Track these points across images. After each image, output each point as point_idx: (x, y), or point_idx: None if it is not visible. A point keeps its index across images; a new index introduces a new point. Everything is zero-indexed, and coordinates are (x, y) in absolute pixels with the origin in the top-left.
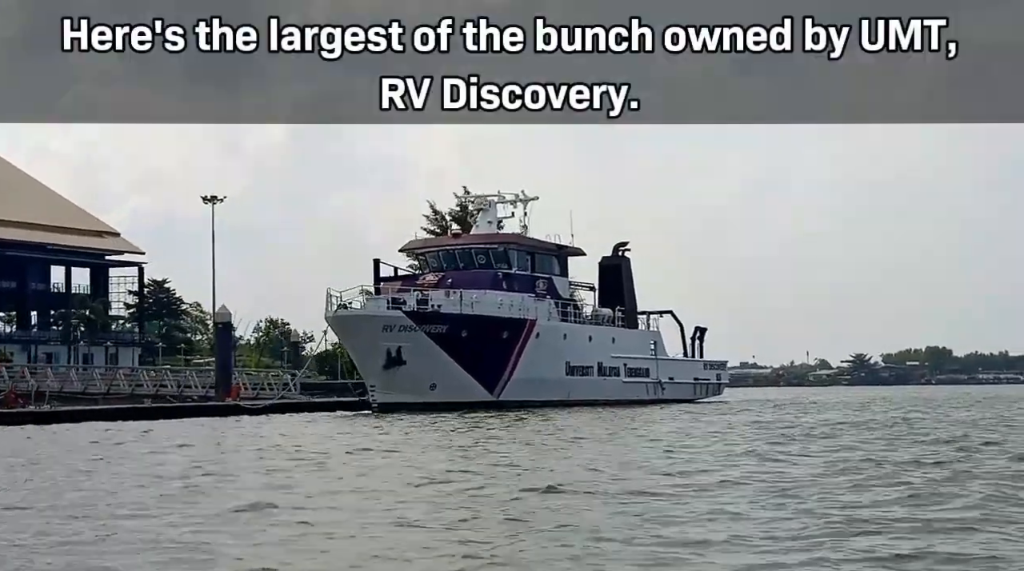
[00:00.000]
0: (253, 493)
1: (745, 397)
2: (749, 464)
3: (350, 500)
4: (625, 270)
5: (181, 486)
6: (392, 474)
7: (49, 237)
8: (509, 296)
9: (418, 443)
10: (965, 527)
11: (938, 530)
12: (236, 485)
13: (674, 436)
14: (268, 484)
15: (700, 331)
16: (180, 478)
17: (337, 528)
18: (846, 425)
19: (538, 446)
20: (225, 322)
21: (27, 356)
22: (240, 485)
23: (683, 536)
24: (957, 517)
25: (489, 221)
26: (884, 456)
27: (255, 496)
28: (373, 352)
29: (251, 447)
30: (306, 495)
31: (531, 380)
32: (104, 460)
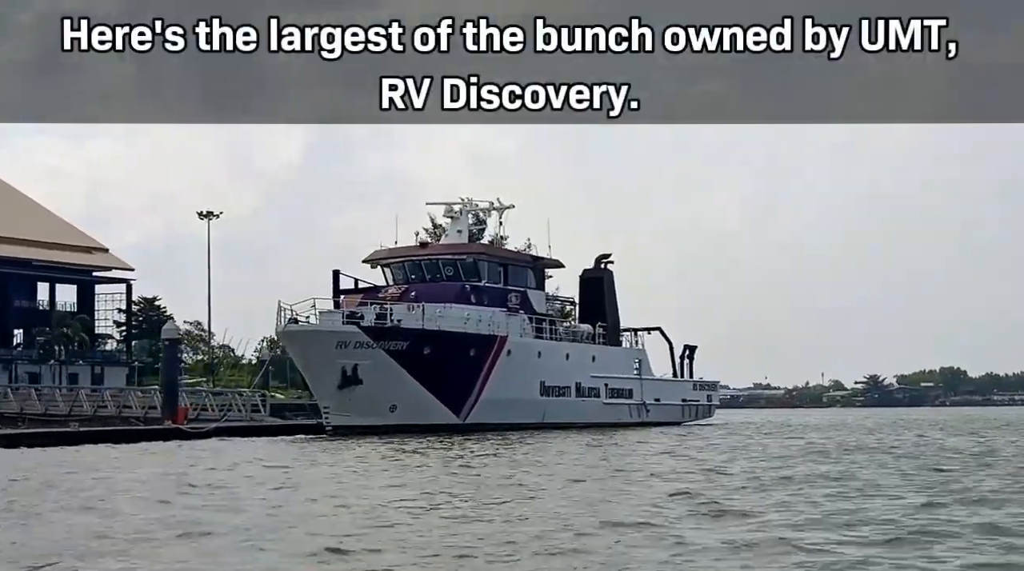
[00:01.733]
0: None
1: (733, 419)
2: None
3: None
4: (608, 284)
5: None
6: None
7: (34, 252)
8: (478, 310)
9: (342, 479)
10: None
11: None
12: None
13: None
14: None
15: (690, 349)
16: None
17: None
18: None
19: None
20: (171, 339)
21: (8, 376)
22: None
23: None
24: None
25: (459, 230)
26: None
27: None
28: (326, 370)
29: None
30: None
31: (501, 401)
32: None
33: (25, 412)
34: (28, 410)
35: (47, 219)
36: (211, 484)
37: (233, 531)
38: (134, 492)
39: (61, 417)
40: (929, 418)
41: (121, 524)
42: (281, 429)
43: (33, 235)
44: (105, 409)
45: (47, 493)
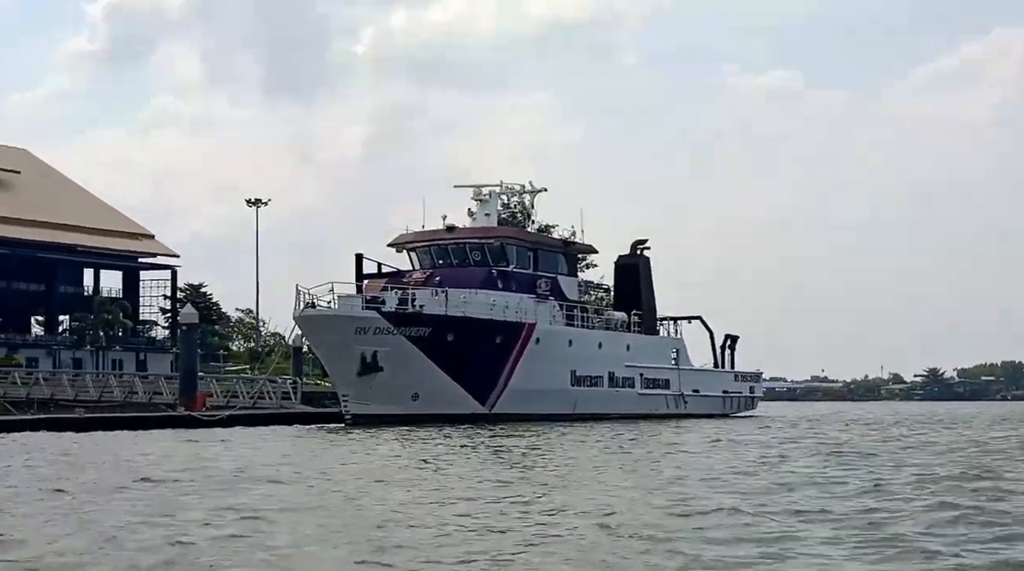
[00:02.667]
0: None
1: (782, 412)
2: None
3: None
4: (644, 270)
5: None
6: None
7: (80, 238)
8: (504, 296)
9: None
10: None
11: None
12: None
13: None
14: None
15: (731, 339)
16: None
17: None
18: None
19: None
20: (189, 324)
21: (52, 361)
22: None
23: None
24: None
25: (487, 213)
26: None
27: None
28: (345, 357)
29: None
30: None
31: (529, 391)
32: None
33: (55, 397)
34: (59, 395)
35: (94, 205)
36: (157, 479)
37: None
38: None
39: (68, 403)
40: (990, 412)
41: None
42: (298, 417)
43: (79, 221)
44: (136, 396)
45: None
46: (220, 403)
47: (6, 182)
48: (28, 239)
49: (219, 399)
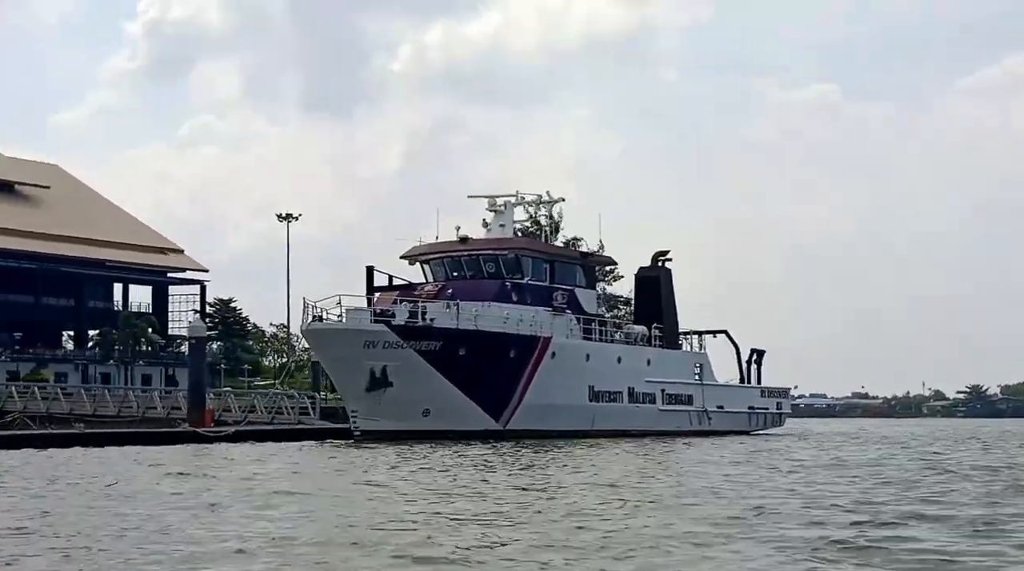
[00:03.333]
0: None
1: (804, 429)
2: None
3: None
4: (665, 283)
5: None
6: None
7: (109, 253)
8: (519, 309)
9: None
10: None
11: None
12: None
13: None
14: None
15: (758, 354)
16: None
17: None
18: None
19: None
20: (198, 337)
21: (81, 376)
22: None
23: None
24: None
25: (502, 224)
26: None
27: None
28: (354, 372)
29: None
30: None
31: (545, 407)
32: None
33: (75, 412)
34: (78, 410)
35: (124, 220)
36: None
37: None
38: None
39: (84, 418)
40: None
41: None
42: (307, 433)
43: (108, 236)
44: (154, 411)
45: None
46: (238, 418)
47: (36, 198)
48: (57, 254)
49: (237, 414)
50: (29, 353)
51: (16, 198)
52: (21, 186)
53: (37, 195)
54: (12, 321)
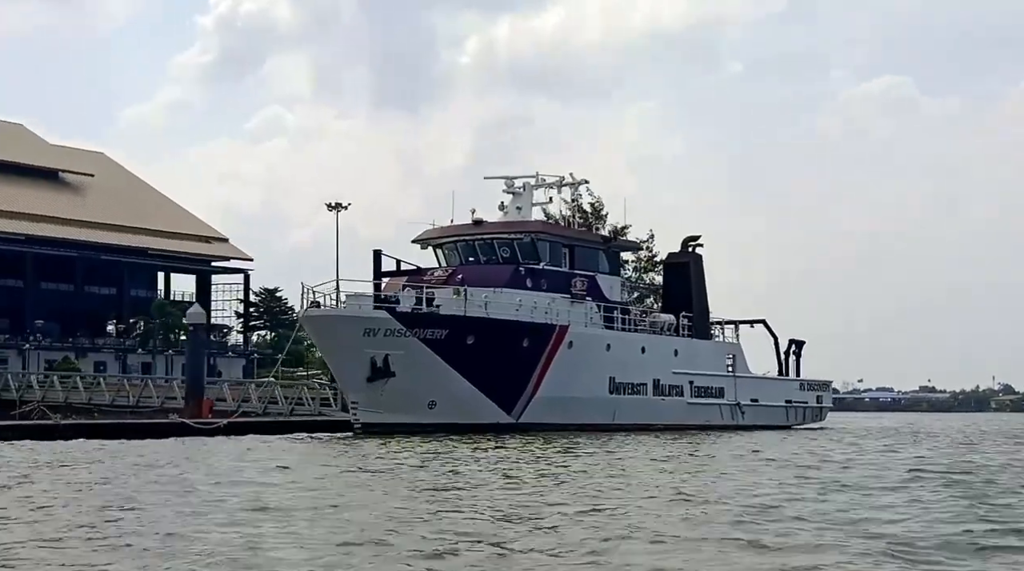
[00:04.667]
0: None
1: (848, 424)
2: None
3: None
4: (695, 269)
5: None
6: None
7: (151, 241)
8: (533, 296)
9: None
10: None
11: None
12: None
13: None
14: None
15: (796, 345)
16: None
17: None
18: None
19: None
20: (196, 325)
21: (121, 366)
22: None
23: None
24: None
25: (519, 207)
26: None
27: None
28: (353, 361)
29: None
30: None
31: (561, 399)
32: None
33: (93, 402)
34: (96, 400)
35: (168, 209)
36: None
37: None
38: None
39: (84, 406)
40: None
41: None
42: (309, 425)
43: (151, 224)
44: (175, 401)
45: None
46: (256, 409)
47: (80, 186)
48: (98, 242)
49: (255, 405)
50: (69, 342)
51: (60, 186)
52: (65, 174)
53: (82, 183)
54: (54, 309)
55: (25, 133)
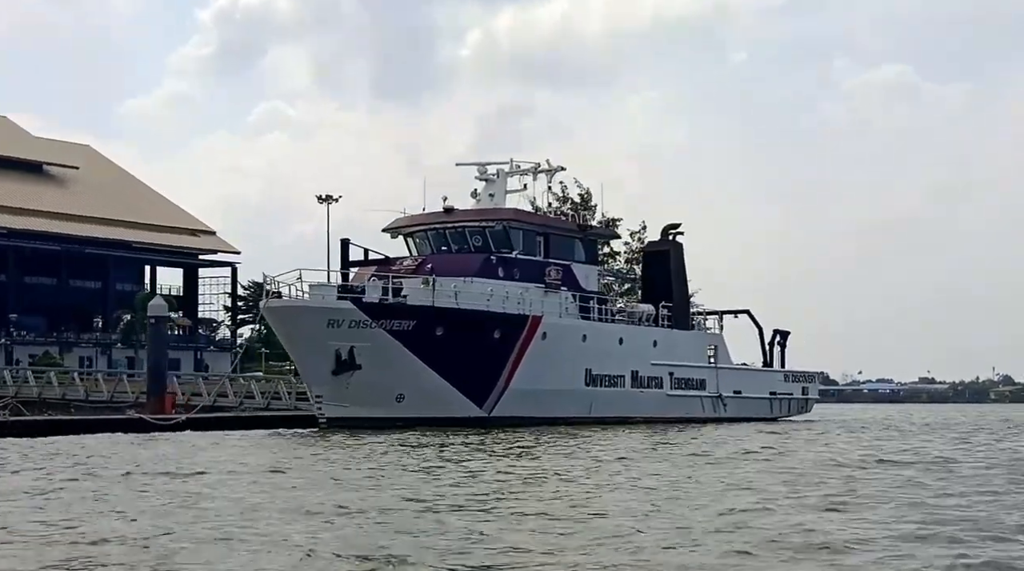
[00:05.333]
0: None
1: (831, 415)
2: None
3: None
4: (675, 258)
5: None
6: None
7: (136, 234)
8: (504, 285)
9: None
10: None
11: None
12: None
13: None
14: None
15: (781, 335)
16: None
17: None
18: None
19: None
20: (158, 317)
21: (107, 361)
22: None
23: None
24: None
25: (492, 194)
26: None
27: None
28: (317, 353)
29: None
30: None
31: (535, 392)
32: None
33: (67, 397)
34: (71, 395)
35: (155, 202)
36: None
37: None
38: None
39: (59, 402)
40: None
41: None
42: (273, 421)
43: (137, 217)
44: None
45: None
46: (233, 404)
47: (63, 178)
48: (83, 235)
49: (233, 400)
50: (54, 337)
51: (45, 178)
52: (50, 166)
53: (66, 176)
54: (39, 304)
55: (9, 125)
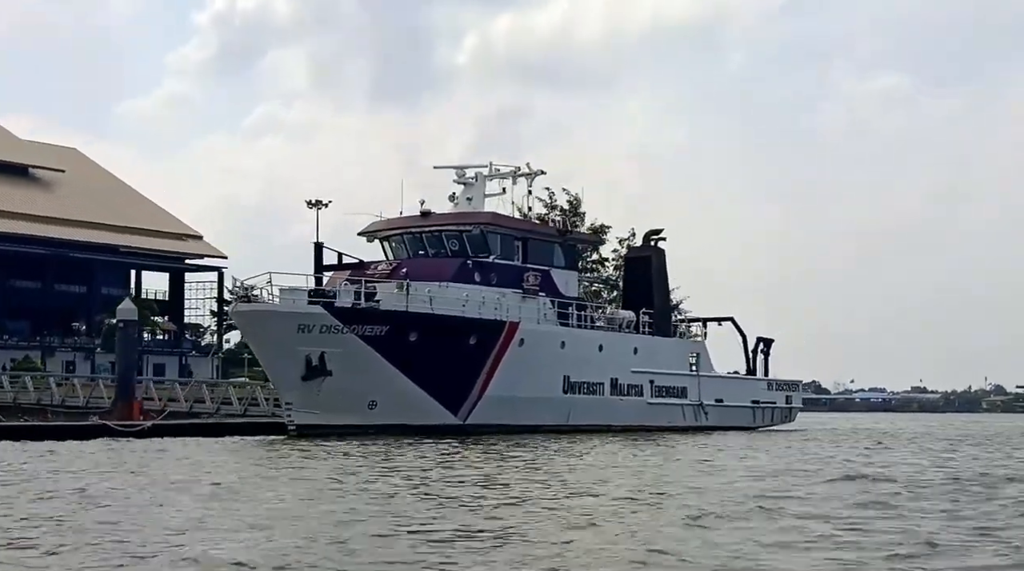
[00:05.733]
0: None
1: (819, 424)
2: None
3: None
4: (657, 264)
5: None
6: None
7: (122, 238)
8: (481, 290)
9: None
10: None
11: None
12: None
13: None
14: None
15: (765, 343)
16: None
17: None
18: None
19: None
20: (126, 320)
21: (90, 366)
22: None
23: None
24: None
25: (469, 198)
26: None
27: None
28: (287, 359)
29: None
30: None
31: (512, 399)
32: None
33: (42, 402)
34: (45, 400)
35: (141, 206)
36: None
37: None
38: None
39: (34, 407)
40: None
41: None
42: (243, 427)
43: (123, 221)
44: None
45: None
46: (210, 410)
47: (49, 181)
48: (67, 239)
49: (210, 406)
50: (36, 341)
51: (30, 182)
52: (35, 169)
53: (52, 179)
54: (23, 308)
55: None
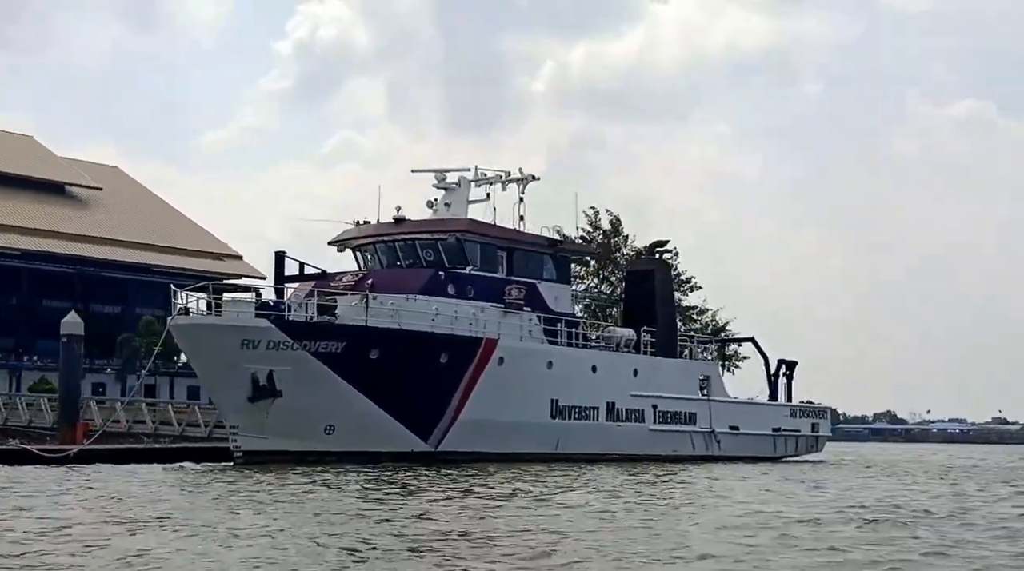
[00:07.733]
0: None
1: (848, 455)
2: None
3: None
4: (661, 279)
5: None
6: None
7: (157, 258)
8: (454, 304)
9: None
10: None
11: None
12: None
13: None
14: None
15: (788, 366)
16: None
17: None
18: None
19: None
20: (70, 335)
21: (121, 388)
22: None
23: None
24: None
25: (448, 203)
26: None
27: None
28: (231, 377)
29: None
30: None
31: (491, 424)
32: None
33: (33, 424)
34: (37, 423)
35: (181, 224)
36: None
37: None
38: None
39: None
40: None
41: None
42: (181, 453)
43: (160, 240)
44: (118, 424)
45: None
46: (149, 431)
47: (86, 199)
48: (101, 258)
49: (149, 427)
50: None
51: (66, 200)
52: (72, 187)
53: (90, 197)
54: (54, 328)
55: (34, 145)
